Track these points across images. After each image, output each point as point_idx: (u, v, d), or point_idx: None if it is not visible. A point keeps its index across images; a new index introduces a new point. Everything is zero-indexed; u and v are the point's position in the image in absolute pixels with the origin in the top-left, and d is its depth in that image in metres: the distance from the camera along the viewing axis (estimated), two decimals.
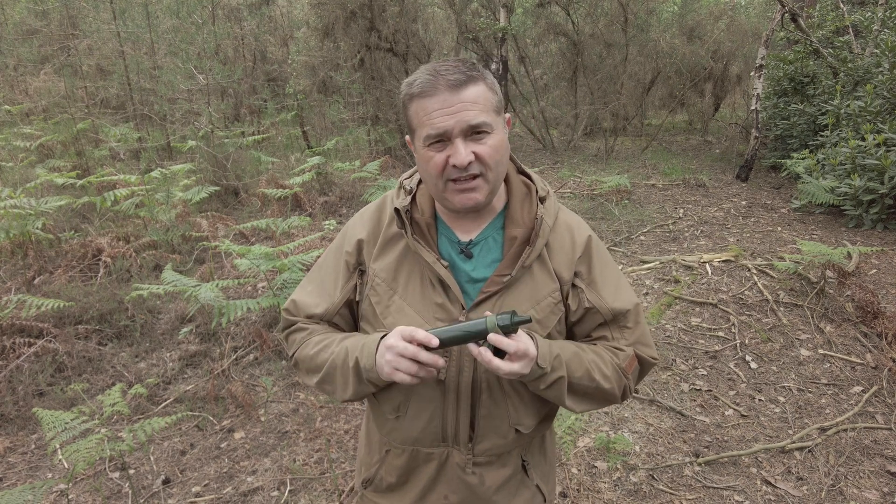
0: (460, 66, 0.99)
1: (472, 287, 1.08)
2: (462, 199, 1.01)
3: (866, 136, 5.25)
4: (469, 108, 0.97)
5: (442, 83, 0.97)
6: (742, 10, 11.24)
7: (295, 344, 1.18)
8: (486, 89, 1.00)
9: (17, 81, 9.84)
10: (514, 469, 1.16)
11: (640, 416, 2.90)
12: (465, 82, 0.97)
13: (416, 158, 1.07)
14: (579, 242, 1.11)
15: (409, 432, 1.12)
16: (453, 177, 0.99)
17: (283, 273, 3.37)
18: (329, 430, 2.82)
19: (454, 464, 1.12)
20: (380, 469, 1.20)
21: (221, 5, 8.36)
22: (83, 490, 2.48)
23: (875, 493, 2.38)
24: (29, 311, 3.23)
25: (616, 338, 1.12)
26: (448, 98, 0.96)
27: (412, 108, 1.01)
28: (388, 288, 1.09)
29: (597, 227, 5.51)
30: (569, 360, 1.04)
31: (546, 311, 1.07)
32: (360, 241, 1.14)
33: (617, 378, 1.09)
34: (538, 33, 9.67)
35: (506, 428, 1.10)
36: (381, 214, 1.15)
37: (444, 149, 0.99)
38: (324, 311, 1.16)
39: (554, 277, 1.08)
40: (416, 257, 1.09)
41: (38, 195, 4.84)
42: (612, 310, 1.10)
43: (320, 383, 1.12)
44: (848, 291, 3.77)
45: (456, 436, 1.10)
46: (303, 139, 8.35)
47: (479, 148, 0.98)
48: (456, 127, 0.97)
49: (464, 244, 1.10)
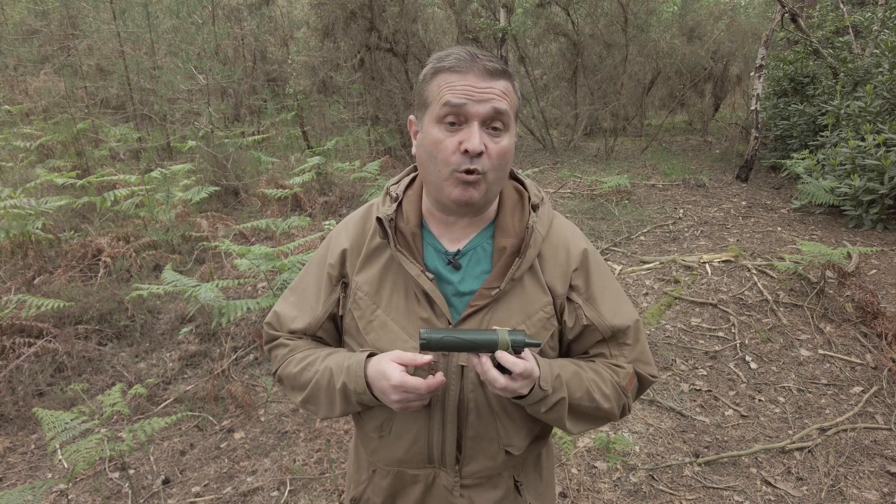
0: (496, 60, 0.96)
1: (459, 300, 1.02)
2: (461, 192, 0.95)
3: (866, 136, 5.25)
4: (497, 95, 0.93)
5: (478, 65, 0.93)
6: (742, 11, 11.24)
7: (277, 360, 1.14)
8: (514, 91, 0.98)
9: (17, 81, 9.84)
10: (505, 490, 1.10)
11: (640, 416, 2.90)
12: (500, 73, 0.95)
13: (417, 141, 1.01)
14: (574, 254, 1.05)
15: (393, 453, 1.07)
16: (461, 167, 0.94)
17: (283, 273, 3.37)
18: (329, 430, 2.82)
19: (441, 486, 1.07)
20: (367, 489, 1.16)
21: (221, 5, 8.36)
22: (83, 490, 2.48)
23: (875, 493, 2.38)
24: (29, 311, 3.23)
25: (615, 355, 1.07)
26: (479, 81, 0.93)
27: (436, 80, 0.95)
28: (370, 302, 1.04)
29: (597, 227, 5.52)
30: (569, 380, 0.99)
31: (538, 326, 1.02)
32: (344, 252, 1.08)
33: (616, 397, 1.04)
34: (538, 33, 9.67)
35: (495, 449, 1.04)
36: (366, 223, 1.09)
37: (456, 133, 0.93)
38: (306, 325, 1.11)
39: (546, 290, 1.03)
40: (400, 269, 1.03)
41: (38, 195, 4.84)
42: (611, 327, 1.05)
43: (304, 402, 1.08)
44: (848, 292, 3.77)
45: (442, 457, 1.05)
46: (303, 139, 8.35)
47: (490, 144, 0.94)
48: (479, 107, 0.92)
49: (451, 255, 1.04)
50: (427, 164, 0.98)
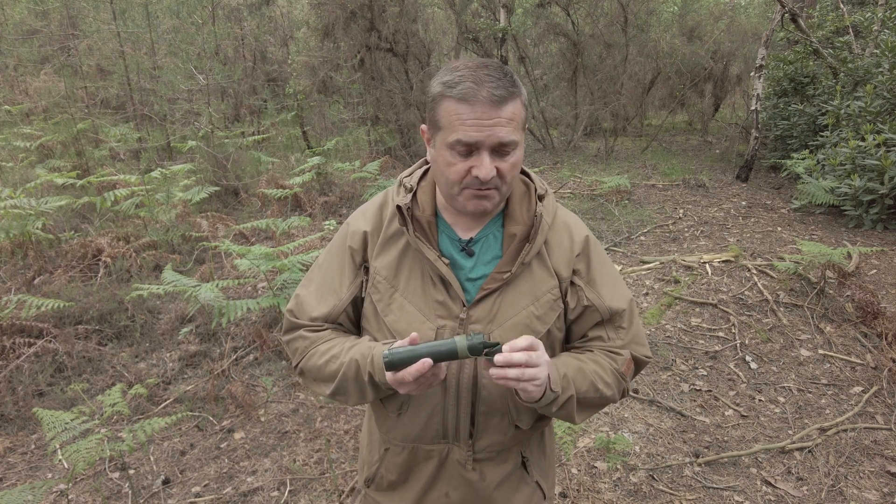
0: (503, 80, 0.96)
1: (472, 284, 1.09)
2: (475, 204, 1.03)
3: (866, 136, 5.25)
4: (504, 125, 0.96)
5: (484, 94, 0.95)
6: (742, 11, 11.25)
7: (298, 353, 1.16)
8: (521, 106, 1.00)
9: (17, 81, 9.84)
10: (514, 465, 1.17)
11: (640, 416, 2.90)
12: (507, 98, 0.96)
13: (431, 153, 1.07)
14: (577, 241, 1.13)
15: (409, 430, 1.13)
16: (471, 186, 1.00)
17: (283, 273, 3.37)
18: (329, 430, 2.82)
19: (454, 460, 1.14)
20: (380, 467, 1.21)
21: (221, 5, 8.36)
22: (83, 490, 2.48)
23: (875, 493, 2.38)
24: (29, 312, 3.23)
25: (612, 338, 1.13)
26: (487, 111, 0.95)
27: (444, 105, 0.99)
28: (389, 286, 1.10)
29: (597, 228, 5.51)
30: (574, 376, 1.05)
31: (546, 308, 1.09)
32: (366, 234, 1.13)
33: (616, 383, 1.11)
34: (538, 33, 9.67)
35: (506, 424, 1.11)
36: (383, 211, 1.15)
37: (467, 158, 0.99)
38: (329, 310, 1.14)
39: (553, 274, 1.10)
40: (416, 255, 1.09)
41: (38, 195, 4.84)
42: (609, 308, 1.12)
43: (333, 394, 1.12)
44: (848, 292, 3.77)
45: (456, 432, 1.11)
46: (303, 139, 8.35)
47: (501, 164, 0.99)
48: (487, 141, 0.96)
49: (464, 242, 1.11)
50: (440, 179, 1.05)
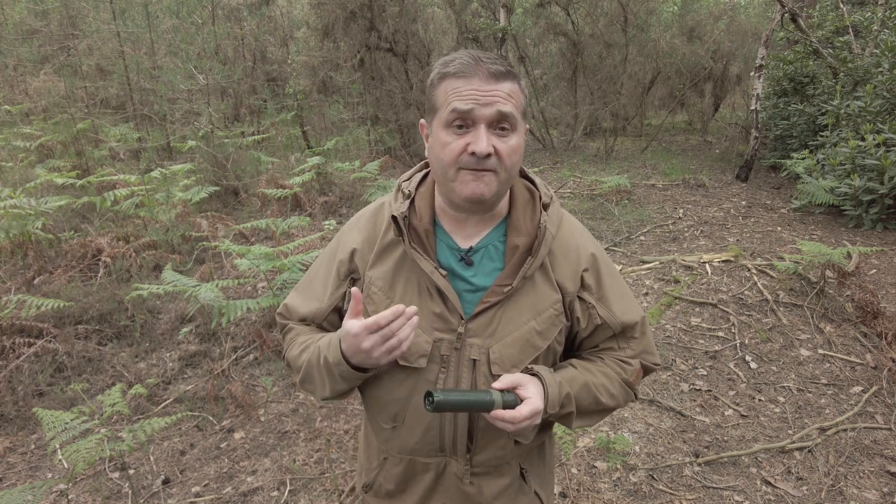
0: (500, 60, 0.97)
1: (471, 296, 1.05)
2: (472, 188, 0.97)
3: (866, 136, 5.25)
4: (503, 98, 0.95)
5: (482, 69, 0.95)
6: (742, 10, 11.24)
7: (285, 344, 1.19)
8: (520, 90, 0.99)
9: (17, 81, 9.83)
10: (512, 477, 1.15)
11: (639, 416, 2.90)
12: (504, 75, 0.96)
13: (428, 144, 1.04)
14: (584, 255, 1.09)
15: (405, 442, 1.10)
16: (468, 166, 0.96)
17: (282, 273, 3.37)
18: (329, 430, 2.82)
19: (451, 474, 1.11)
20: (378, 475, 1.20)
21: (221, 5, 8.36)
22: (83, 490, 2.48)
23: (875, 493, 2.38)
24: (29, 311, 3.23)
25: (623, 347, 1.12)
26: (483, 84, 0.94)
27: (442, 86, 0.98)
28: (384, 297, 1.06)
29: (597, 227, 5.52)
30: (577, 393, 1.05)
31: (547, 323, 1.05)
32: (354, 252, 1.11)
33: (623, 393, 1.11)
34: (538, 33, 9.67)
35: (505, 440, 1.09)
36: (378, 220, 1.12)
37: (464, 135, 0.96)
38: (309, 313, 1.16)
39: (556, 288, 1.06)
40: (413, 265, 1.06)
41: (38, 195, 4.84)
42: (622, 323, 1.10)
43: (302, 382, 1.12)
44: (848, 291, 3.77)
45: (454, 446, 1.08)
46: (303, 139, 8.35)
47: (499, 144, 0.96)
48: (485, 111, 0.94)
49: (464, 251, 1.06)
50: (437, 166, 1.01)
